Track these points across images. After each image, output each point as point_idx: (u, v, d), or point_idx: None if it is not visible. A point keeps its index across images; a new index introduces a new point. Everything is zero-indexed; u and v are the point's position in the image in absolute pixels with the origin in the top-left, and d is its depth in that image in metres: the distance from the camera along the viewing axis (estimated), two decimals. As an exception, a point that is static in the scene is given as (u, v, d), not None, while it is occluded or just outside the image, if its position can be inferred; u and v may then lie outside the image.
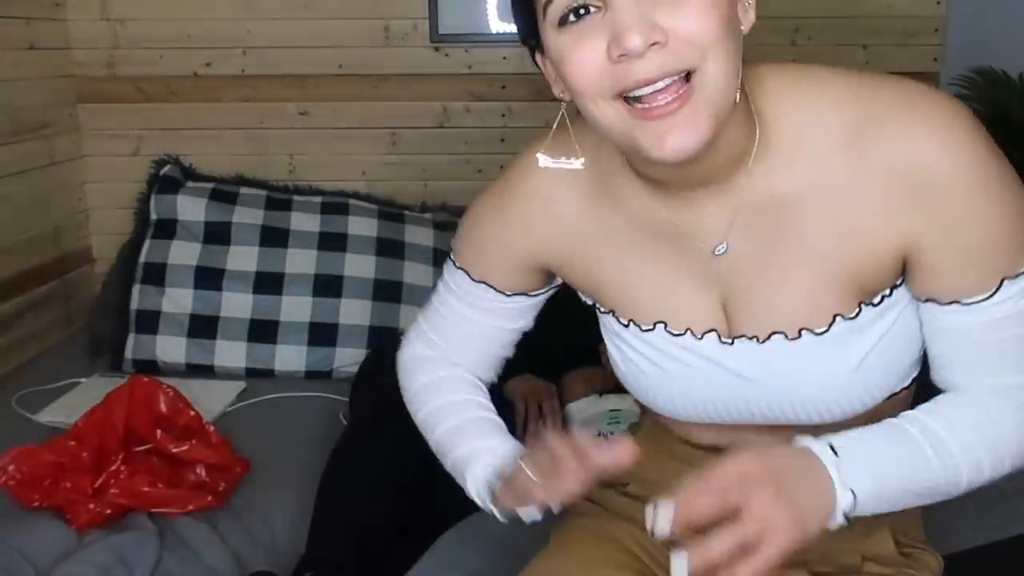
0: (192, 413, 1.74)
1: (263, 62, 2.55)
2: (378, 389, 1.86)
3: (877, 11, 2.51)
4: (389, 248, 2.38)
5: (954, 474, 0.89)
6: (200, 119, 2.58)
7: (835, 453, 0.83)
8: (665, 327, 0.97)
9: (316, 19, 2.54)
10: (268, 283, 2.31)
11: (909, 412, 0.91)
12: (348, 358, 2.27)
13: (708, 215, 0.92)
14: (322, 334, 2.29)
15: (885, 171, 0.84)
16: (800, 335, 0.92)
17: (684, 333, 0.96)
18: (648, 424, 1.15)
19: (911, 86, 0.87)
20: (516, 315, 1.13)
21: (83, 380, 2.15)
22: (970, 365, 0.91)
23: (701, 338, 0.95)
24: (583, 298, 1.08)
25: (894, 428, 0.89)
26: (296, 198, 2.45)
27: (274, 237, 2.36)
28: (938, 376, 0.94)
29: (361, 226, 2.40)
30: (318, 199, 2.46)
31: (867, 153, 0.85)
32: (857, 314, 0.90)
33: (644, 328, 0.98)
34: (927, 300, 0.89)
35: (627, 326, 1.00)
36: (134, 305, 2.31)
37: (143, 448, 1.69)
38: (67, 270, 2.52)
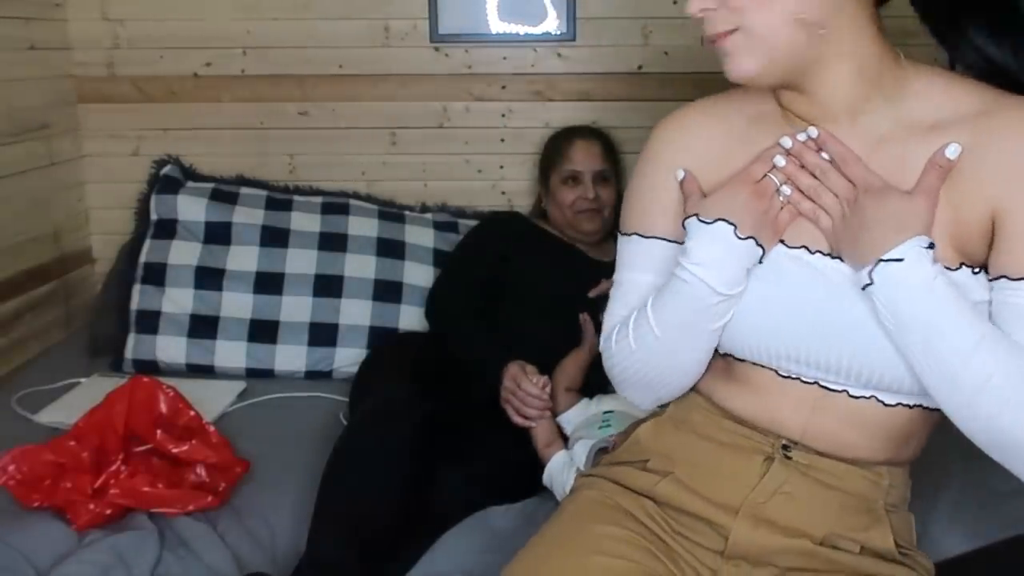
0: (192, 413, 1.74)
1: (263, 62, 2.55)
2: (378, 389, 1.86)
3: (877, 11, 2.51)
4: (389, 248, 2.39)
5: (980, 368, 0.96)
6: (200, 119, 2.58)
7: (927, 249, 0.98)
8: (783, 241, 1.09)
9: (316, 19, 2.54)
10: (268, 283, 2.31)
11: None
12: (348, 358, 2.27)
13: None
14: (322, 334, 2.29)
15: (997, 149, 0.99)
16: None
17: (799, 248, 1.08)
18: (674, 404, 1.22)
19: None
20: None
21: (83, 380, 2.15)
22: None
23: (813, 253, 1.07)
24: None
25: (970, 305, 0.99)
26: (296, 198, 2.45)
27: (274, 237, 2.36)
28: None
29: (361, 226, 2.41)
30: (318, 199, 2.46)
31: (986, 131, 1.00)
32: (958, 268, 1.01)
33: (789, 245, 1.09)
34: (1000, 277, 0.99)
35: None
36: (134, 305, 2.31)
37: (143, 448, 1.69)
38: (67, 270, 2.52)
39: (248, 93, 2.57)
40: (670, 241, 1.15)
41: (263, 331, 2.29)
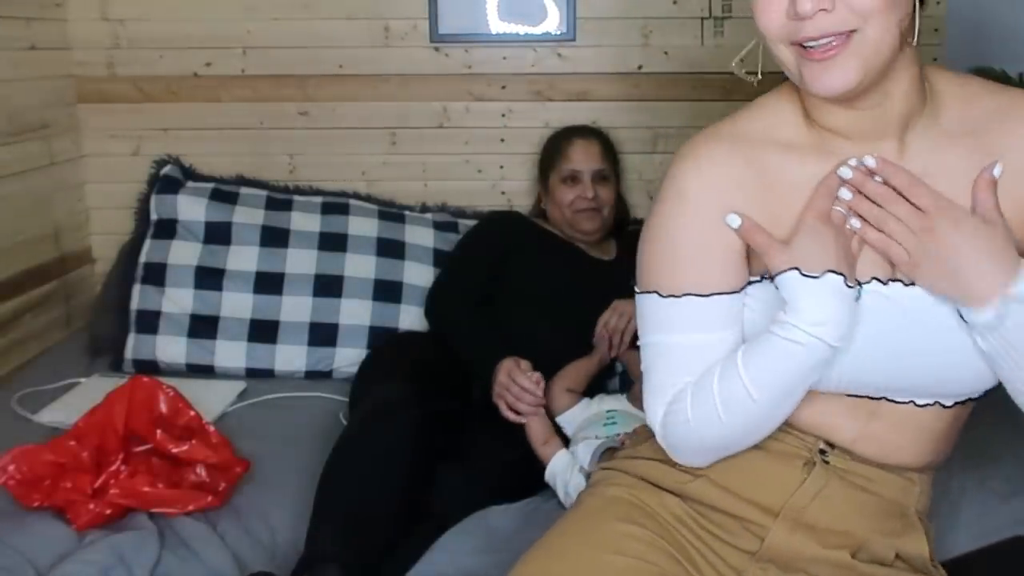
0: (192, 413, 1.74)
1: (263, 62, 2.55)
2: (378, 389, 1.86)
3: (877, 11, 2.51)
4: (389, 248, 2.39)
5: None
6: (200, 119, 2.58)
7: None
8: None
9: (316, 19, 2.54)
10: (268, 283, 2.31)
11: None
12: (348, 358, 2.27)
13: None
14: (322, 334, 2.29)
15: None
16: None
17: (869, 281, 1.04)
18: None
19: None
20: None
21: (83, 380, 2.15)
22: None
23: (886, 283, 1.04)
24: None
25: None
26: (296, 198, 2.45)
27: (274, 237, 2.36)
28: None
29: (361, 226, 2.41)
30: (318, 199, 2.46)
31: (1014, 130, 1.02)
32: None
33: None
34: None
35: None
36: (134, 305, 2.31)
37: (143, 448, 1.69)
38: (67, 270, 2.52)
39: (248, 93, 2.57)
40: (729, 293, 1.07)
41: (263, 331, 2.28)
